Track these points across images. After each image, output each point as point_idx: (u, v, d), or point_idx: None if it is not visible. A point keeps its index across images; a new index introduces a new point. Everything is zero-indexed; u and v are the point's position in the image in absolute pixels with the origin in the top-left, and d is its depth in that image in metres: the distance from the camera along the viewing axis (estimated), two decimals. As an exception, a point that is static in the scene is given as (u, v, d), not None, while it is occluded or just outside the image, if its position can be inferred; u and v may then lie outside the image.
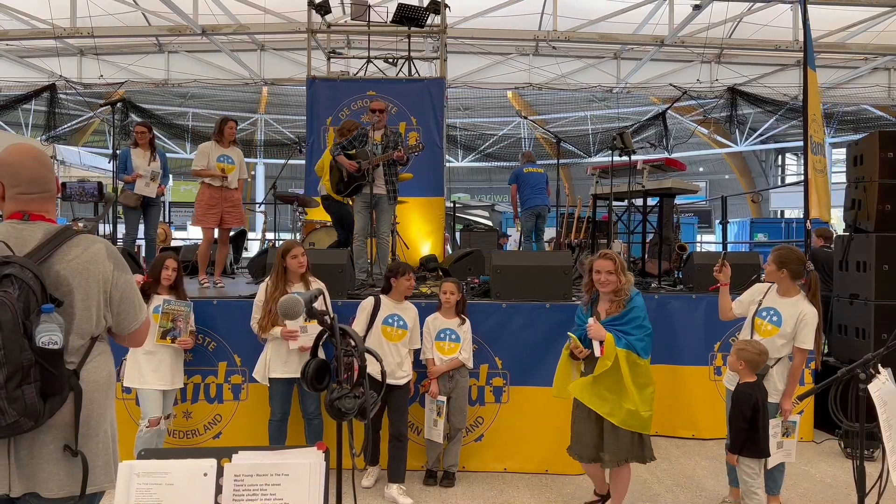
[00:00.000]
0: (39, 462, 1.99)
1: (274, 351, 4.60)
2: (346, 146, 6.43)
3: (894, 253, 5.81)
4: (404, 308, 4.82)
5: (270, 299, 4.54)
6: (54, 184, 2.18)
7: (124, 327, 2.21)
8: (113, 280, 2.13)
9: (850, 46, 12.64)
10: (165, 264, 4.59)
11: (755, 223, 18.50)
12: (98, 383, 2.11)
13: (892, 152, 5.91)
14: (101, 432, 2.13)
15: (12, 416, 1.84)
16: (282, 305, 1.94)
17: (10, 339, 1.80)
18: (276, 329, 4.51)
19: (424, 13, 9.00)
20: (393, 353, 4.67)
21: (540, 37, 12.47)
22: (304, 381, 2.00)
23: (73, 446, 2.01)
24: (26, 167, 2.10)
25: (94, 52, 13.39)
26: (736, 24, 12.05)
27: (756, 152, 23.56)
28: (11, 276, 1.87)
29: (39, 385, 1.88)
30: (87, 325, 2.08)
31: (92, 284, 2.08)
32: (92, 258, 2.09)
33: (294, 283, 4.67)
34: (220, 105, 21.46)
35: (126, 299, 2.18)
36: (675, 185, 6.69)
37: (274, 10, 12.24)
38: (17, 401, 1.83)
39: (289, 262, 4.57)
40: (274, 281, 4.61)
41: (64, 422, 2.01)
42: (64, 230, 2.09)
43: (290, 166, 19.97)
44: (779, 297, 4.15)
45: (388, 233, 6.71)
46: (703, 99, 14.47)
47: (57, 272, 2.02)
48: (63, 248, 2.05)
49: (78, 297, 2.05)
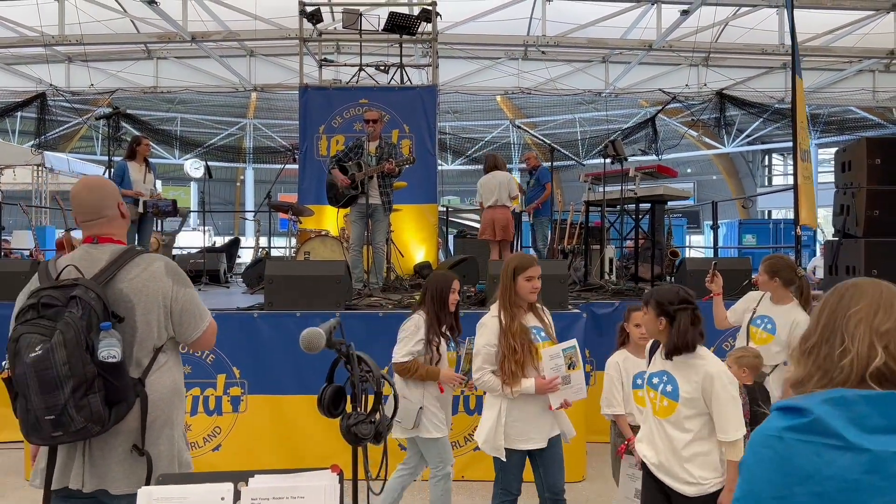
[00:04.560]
0: (109, 462, 2.22)
1: (512, 411, 3.37)
2: (341, 158, 6.47)
3: (883, 258, 5.91)
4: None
5: (509, 333, 3.33)
6: (111, 209, 2.38)
7: (187, 336, 2.41)
8: (172, 295, 2.34)
9: (835, 49, 12.78)
10: None
11: (743, 224, 18.66)
12: (162, 391, 2.31)
13: (880, 158, 6.03)
14: (164, 436, 2.32)
15: (80, 423, 2.06)
16: (304, 340, 1.97)
17: (74, 355, 2.03)
18: (526, 382, 3.30)
19: (416, 21, 9.05)
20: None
21: (529, 42, 12.52)
22: (321, 406, 2.03)
23: (141, 447, 2.23)
24: (81, 198, 2.35)
25: (83, 58, 13.33)
26: (722, 28, 12.16)
27: (743, 153, 23.75)
28: (77, 298, 2.09)
29: (104, 394, 2.10)
30: (148, 338, 2.29)
31: (151, 300, 2.29)
32: (151, 276, 2.30)
33: (525, 312, 3.49)
34: (208, 110, 21.41)
35: (186, 311, 2.38)
36: (666, 192, 6.77)
37: (264, 17, 12.23)
38: (83, 409, 2.05)
39: (521, 285, 3.40)
40: (504, 306, 3.41)
41: (131, 426, 2.23)
42: (127, 251, 2.32)
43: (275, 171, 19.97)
44: (773, 305, 4.23)
45: (384, 242, 6.76)
46: (692, 101, 14.59)
47: (120, 290, 2.24)
48: (126, 267, 2.27)
49: (139, 312, 2.26)
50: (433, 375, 3.79)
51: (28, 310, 2.11)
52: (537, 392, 3.28)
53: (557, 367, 3.29)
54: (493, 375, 3.35)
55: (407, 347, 3.79)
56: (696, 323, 2.79)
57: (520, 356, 3.27)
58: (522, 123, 21.09)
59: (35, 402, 2.03)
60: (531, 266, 3.41)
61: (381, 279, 6.73)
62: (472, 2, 12.15)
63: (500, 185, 7.94)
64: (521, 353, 3.27)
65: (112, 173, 7.46)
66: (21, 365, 2.03)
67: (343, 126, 8.69)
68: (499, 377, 3.32)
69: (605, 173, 6.87)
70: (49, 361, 2.01)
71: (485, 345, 3.39)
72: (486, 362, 3.38)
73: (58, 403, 2.02)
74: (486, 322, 3.45)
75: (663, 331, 2.81)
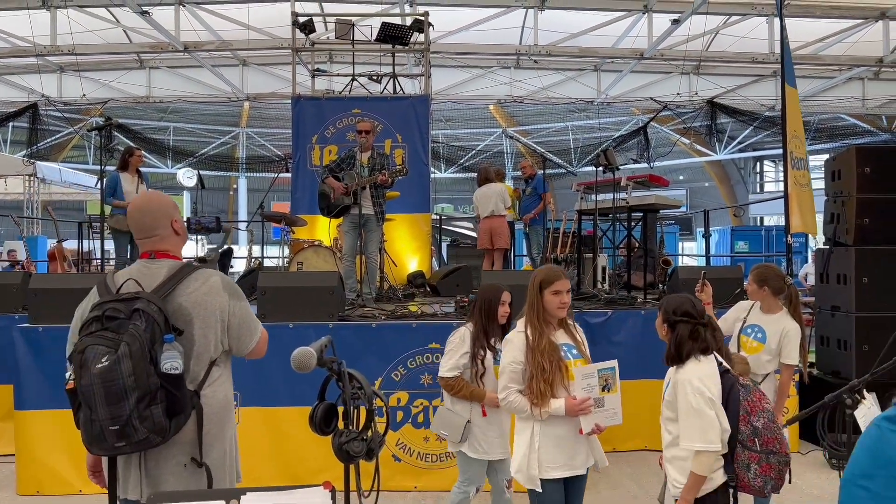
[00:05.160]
0: (164, 473, 2.27)
1: (546, 436, 3.08)
2: (333, 168, 6.48)
3: (873, 266, 5.95)
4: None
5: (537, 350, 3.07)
6: (164, 227, 2.44)
7: (243, 348, 2.49)
8: (229, 309, 2.41)
9: (825, 58, 12.90)
10: None
11: (735, 231, 18.75)
12: (216, 404, 2.38)
13: (869, 167, 6.07)
14: (217, 448, 2.38)
15: (143, 433, 2.10)
16: (295, 360, 1.97)
17: (139, 367, 2.08)
18: (556, 403, 3.01)
19: (408, 31, 9.08)
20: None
21: (521, 51, 12.58)
22: (313, 424, 2.03)
23: (199, 459, 2.28)
24: (134, 218, 2.43)
25: (75, 68, 13.32)
26: (713, 36, 12.25)
27: (735, 160, 23.88)
28: (140, 311, 2.14)
29: (165, 405, 2.15)
30: (205, 350, 2.34)
31: (209, 314, 2.35)
32: (209, 290, 2.37)
33: (555, 328, 3.23)
34: (200, 119, 21.38)
35: (243, 324, 2.45)
36: (658, 201, 6.79)
37: (256, 27, 12.26)
38: (146, 419, 2.10)
39: (547, 300, 3.13)
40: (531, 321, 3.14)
41: (187, 438, 2.28)
42: (185, 266, 2.39)
43: (268, 180, 19.95)
44: (762, 314, 4.24)
45: (377, 252, 6.76)
46: (683, 110, 14.67)
47: (179, 304, 2.29)
48: (185, 282, 2.34)
49: (197, 325, 2.32)
50: (478, 397, 3.63)
51: (92, 322, 2.16)
52: (567, 413, 3.01)
53: (590, 387, 3.04)
54: (519, 395, 3.09)
55: (451, 361, 3.67)
56: (695, 336, 2.86)
57: (549, 374, 3.01)
58: (515, 131, 21.22)
59: (100, 413, 2.07)
60: (558, 279, 3.15)
61: (374, 289, 6.73)
62: (464, 11, 12.20)
63: (495, 196, 8.21)
64: (550, 372, 3.01)
65: (104, 184, 7.44)
66: (88, 376, 2.07)
67: (336, 136, 8.70)
68: (526, 397, 3.07)
69: (596, 182, 6.90)
70: (116, 373, 2.05)
71: (510, 362, 3.13)
72: (512, 381, 3.12)
73: (123, 414, 2.06)
74: (512, 338, 3.20)
75: (666, 336, 2.98)
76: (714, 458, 2.74)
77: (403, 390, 5.05)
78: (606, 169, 6.68)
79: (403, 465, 4.99)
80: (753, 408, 2.87)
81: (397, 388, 5.06)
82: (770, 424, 2.84)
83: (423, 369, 5.07)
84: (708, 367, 2.88)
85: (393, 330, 5.19)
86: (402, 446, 5.04)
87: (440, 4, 11.33)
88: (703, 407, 2.76)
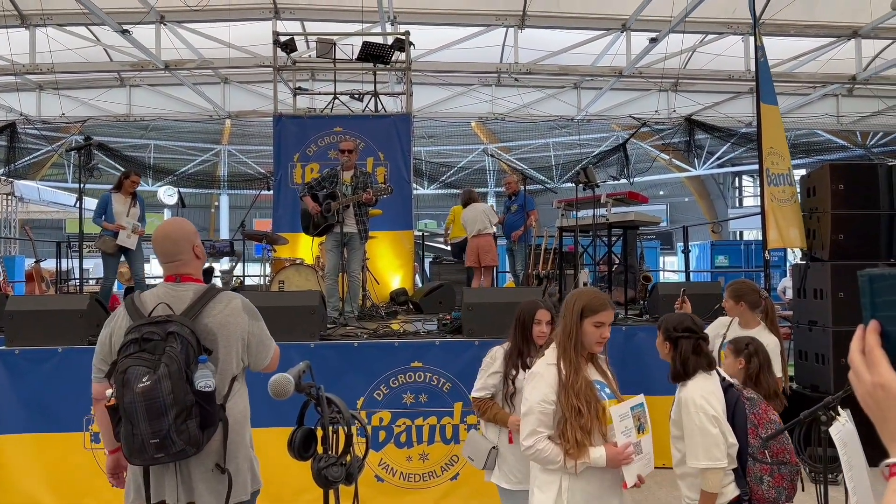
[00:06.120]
0: (196, 480, 2.46)
1: (577, 492, 2.67)
2: (314, 186, 6.48)
3: (849, 281, 6.04)
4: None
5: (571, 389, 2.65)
6: (187, 252, 2.62)
7: (260, 364, 2.71)
8: (249, 329, 2.61)
9: (799, 75, 13.12)
10: None
11: (716, 246, 18.94)
12: (237, 414, 2.58)
13: (843, 184, 6.18)
14: (241, 454, 2.59)
15: (180, 445, 2.30)
16: (272, 387, 1.97)
17: (178, 385, 2.27)
18: (595, 452, 2.60)
19: (389, 50, 9.14)
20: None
21: (502, 69, 12.67)
22: (291, 450, 2.03)
23: (223, 466, 2.47)
24: (159, 243, 2.60)
25: (54, 86, 13.22)
26: (690, 55, 12.44)
27: (714, 175, 24.17)
28: (174, 333, 2.34)
29: (198, 419, 2.34)
30: (228, 368, 2.54)
31: (232, 335, 2.54)
32: (231, 312, 2.56)
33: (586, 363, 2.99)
34: (182, 136, 21.28)
35: (260, 343, 2.67)
36: (637, 218, 6.87)
37: (238, 45, 12.26)
38: (183, 433, 2.29)
39: (587, 331, 2.72)
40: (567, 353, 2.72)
41: (214, 448, 2.47)
42: (209, 290, 2.58)
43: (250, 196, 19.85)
44: (741, 330, 4.29)
45: (359, 270, 6.76)
46: (662, 126, 14.84)
47: (206, 325, 2.48)
48: (210, 304, 2.52)
49: (221, 345, 2.51)
50: (502, 420, 3.38)
51: (130, 344, 2.34)
52: (609, 464, 2.58)
53: (628, 430, 2.63)
54: (550, 443, 2.61)
55: (480, 381, 3.50)
56: (699, 351, 2.90)
57: (586, 419, 2.57)
58: (498, 148, 21.33)
59: (142, 428, 2.25)
60: (604, 309, 2.70)
61: (356, 308, 6.72)
62: (445, 30, 12.30)
63: (482, 214, 8.66)
64: (587, 416, 2.57)
65: (96, 203, 7.45)
66: (130, 394, 2.24)
67: (317, 154, 8.71)
68: (559, 446, 2.61)
69: (577, 200, 6.97)
70: (157, 391, 2.24)
71: (540, 401, 2.64)
72: (541, 425, 2.63)
73: (162, 429, 2.25)
74: (542, 372, 2.73)
75: (668, 354, 2.99)
76: (721, 474, 2.76)
77: (386, 409, 5.04)
78: (586, 186, 6.75)
79: (386, 485, 4.96)
80: (760, 420, 2.91)
81: (379, 408, 5.04)
82: (773, 439, 2.88)
83: (406, 388, 5.07)
84: (710, 384, 2.89)
85: (375, 349, 5.18)
86: (385, 466, 5.02)
87: (421, 23, 11.41)
88: (706, 425, 2.77)
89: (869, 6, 10.65)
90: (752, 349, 3.51)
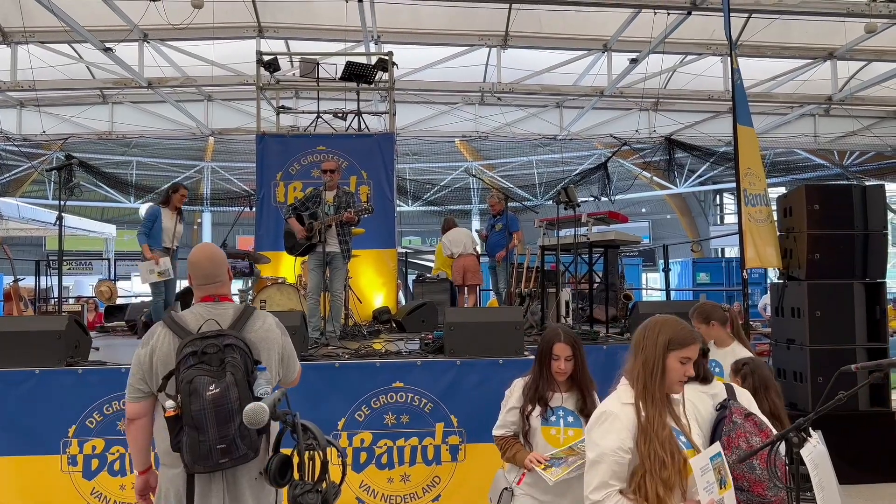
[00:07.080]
0: (243, 486, 2.55)
1: None
2: (297, 207, 6.50)
3: (826, 299, 6.13)
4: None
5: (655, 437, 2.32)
6: (225, 274, 2.81)
7: (290, 377, 2.88)
8: (283, 343, 2.80)
9: (777, 96, 13.35)
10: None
11: (697, 263, 19.12)
12: (274, 426, 2.55)
13: (818, 204, 6.29)
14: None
15: (243, 450, 2.42)
16: (247, 415, 1.98)
17: (243, 392, 2.41)
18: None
19: (373, 70, 9.20)
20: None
21: (485, 88, 12.80)
22: (268, 476, 2.03)
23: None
24: (202, 266, 2.74)
25: (35, 103, 13.15)
26: (670, 75, 12.63)
27: (696, 193, 24.44)
28: (232, 346, 2.49)
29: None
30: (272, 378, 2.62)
31: (270, 348, 2.71)
32: (268, 328, 2.75)
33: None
34: (165, 153, 21.18)
35: (291, 357, 2.87)
36: (618, 237, 6.93)
37: (221, 63, 12.27)
38: (246, 437, 2.41)
39: (671, 367, 2.40)
40: (649, 393, 2.39)
41: (259, 455, 2.52)
42: (247, 308, 2.75)
43: (232, 214, 19.78)
44: (717, 349, 4.33)
45: (342, 289, 6.75)
46: (643, 145, 15.02)
47: (249, 339, 2.62)
48: (249, 321, 2.69)
49: (262, 358, 2.65)
50: (520, 461, 3.13)
51: (189, 356, 2.45)
52: None
53: (710, 486, 2.29)
54: (623, 499, 2.25)
55: (499, 419, 3.29)
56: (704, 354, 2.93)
57: (669, 473, 2.21)
58: (482, 165, 21.44)
59: (210, 434, 2.36)
60: (693, 343, 2.40)
61: (338, 327, 6.71)
62: (428, 50, 12.40)
63: (464, 237, 9.35)
64: (670, 469, 2.22)
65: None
66: (199, 402, 2.36)
67: (300, 173, 8.73)
68: (633, 502, 2.24)
69: (558, 219, 7.03)
70: (225, 398, 2.37)
71: (616, 449, 2.27)
72: (614, 477, 2.26)
73: (229, 434, 2.37)
74: (615, 411, 2.36)
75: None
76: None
77: (367, 430, 5.02)
78: (567, 206, 6.81)
79: (367, 507, 4.93)
80: (730, 443, 2.83)
81: (361, 429, 5.02)
82: (740, 464, 2.80)
83: (387, 409, 5.06)
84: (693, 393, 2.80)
85: (356, 369, 5.17)
86: (366, 488, 4.99)
87: (405, 43, 11.50)
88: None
89: (843, 28, 10.87)
90: (747, 370, 3.50)
